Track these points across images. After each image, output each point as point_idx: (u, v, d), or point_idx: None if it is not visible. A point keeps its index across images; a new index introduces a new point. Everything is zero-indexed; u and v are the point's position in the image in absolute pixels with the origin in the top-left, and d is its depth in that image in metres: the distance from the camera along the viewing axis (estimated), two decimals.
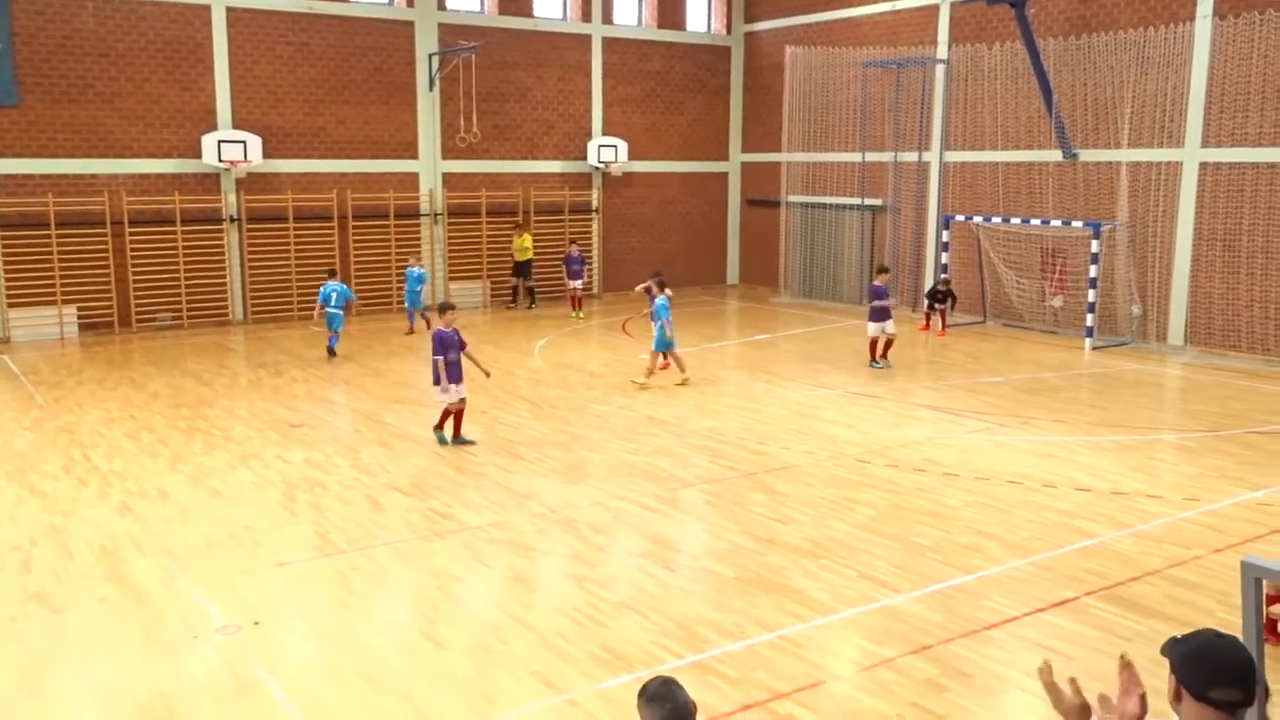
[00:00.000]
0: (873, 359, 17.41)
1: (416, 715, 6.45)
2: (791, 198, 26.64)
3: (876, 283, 17.50)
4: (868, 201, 24.91)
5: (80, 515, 10.17)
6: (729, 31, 28.35)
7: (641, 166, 27.06)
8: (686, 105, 27.82)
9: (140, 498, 10.72)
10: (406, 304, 21.32)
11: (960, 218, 22.20)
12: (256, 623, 7.73)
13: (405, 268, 21.47)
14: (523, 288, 24.63)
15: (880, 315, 17.25)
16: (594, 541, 9.56)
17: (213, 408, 14.64)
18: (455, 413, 12.65)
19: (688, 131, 27.96)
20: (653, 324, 16.30)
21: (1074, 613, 7.91)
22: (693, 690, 3.98)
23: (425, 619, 7.85)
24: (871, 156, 24.58)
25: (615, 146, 26.24)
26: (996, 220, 21.60)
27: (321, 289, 18.85)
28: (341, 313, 18.61)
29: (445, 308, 12.89)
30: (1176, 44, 18.88)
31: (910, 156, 23.92)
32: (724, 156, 28.77)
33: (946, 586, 8.35)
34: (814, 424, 13.78)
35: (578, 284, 23.48)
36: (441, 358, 12.39)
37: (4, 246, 19.62)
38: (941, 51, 22.96)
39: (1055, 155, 20.84)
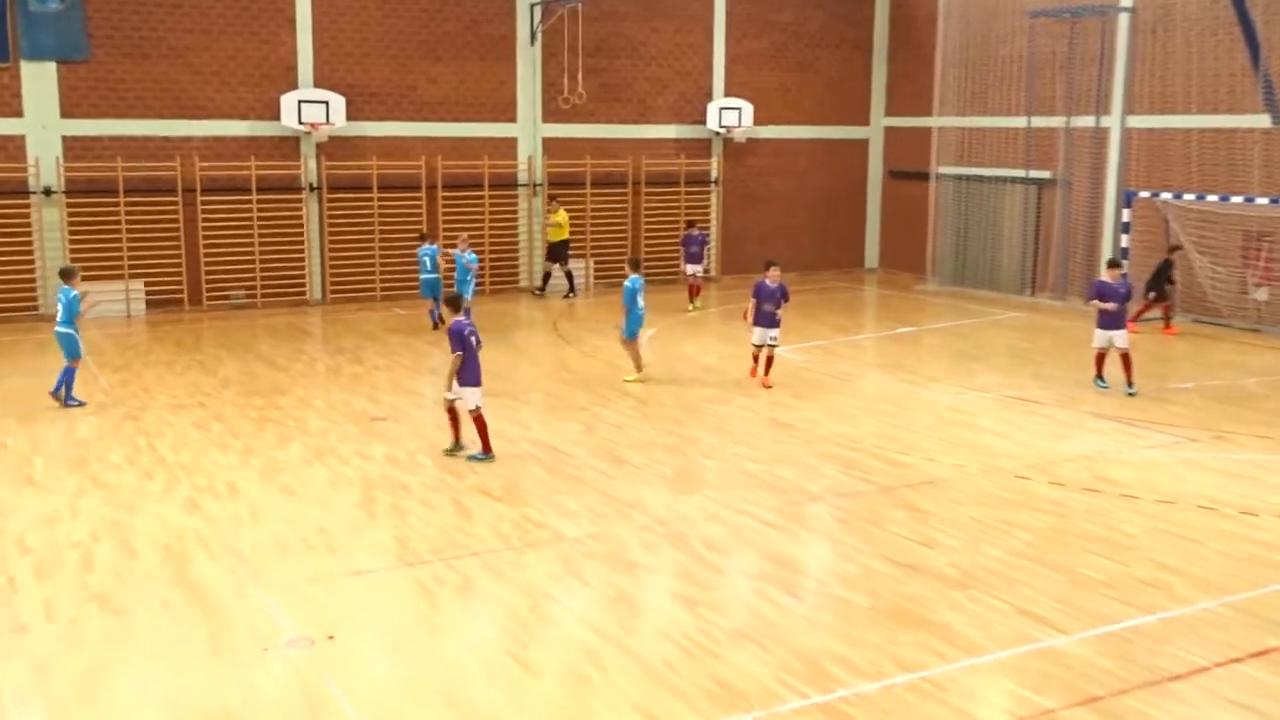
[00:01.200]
0: (1097, 374, 15.80)
1: None
2: (943, 169, 26.14)
3: (1105, 278, 15.95)
4: (1033, 174, 24.28)
5: (145, 511, 10.56)
6: None
7: (768, 132, 26.89)
8: (822, 62, 27.52)
9: (209, 494, 11.09)
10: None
11: (1145, 194, 21.46)
12: (331, 636, 7.92)
13: (454, 250, 20.38)
14: (561, 272, 24.15)
15: (1109, 322, 15.43)
16: (707, 560, 9.54)
17: (287, 396, 15.05)
18: (457, 415, 12.50)
19: (823, 92, 27.66)
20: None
21: (1277, 665, 7.58)
22: None
23: (514, 640, 7.93)
24: (1038, 121, 23.93)
25: (739, 109, 26.11)
26: (1189, 197, 20.82)
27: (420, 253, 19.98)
28: (438, 277, 19.74)
29: (458, 300, 12.67)
30: None
31: (1085, 121, 23.21)
32: (864, 121, 28.38)
33: (1121, 628, 8.08)
34: (965, 433, 13.50)
35: (697, 269, 22.81)
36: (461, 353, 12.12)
37: (70, 214, 20.51)
38: None
39: (1262, 120, 19.97)
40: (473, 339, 12.15)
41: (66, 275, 14.97)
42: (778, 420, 14.05)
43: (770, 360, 15.70)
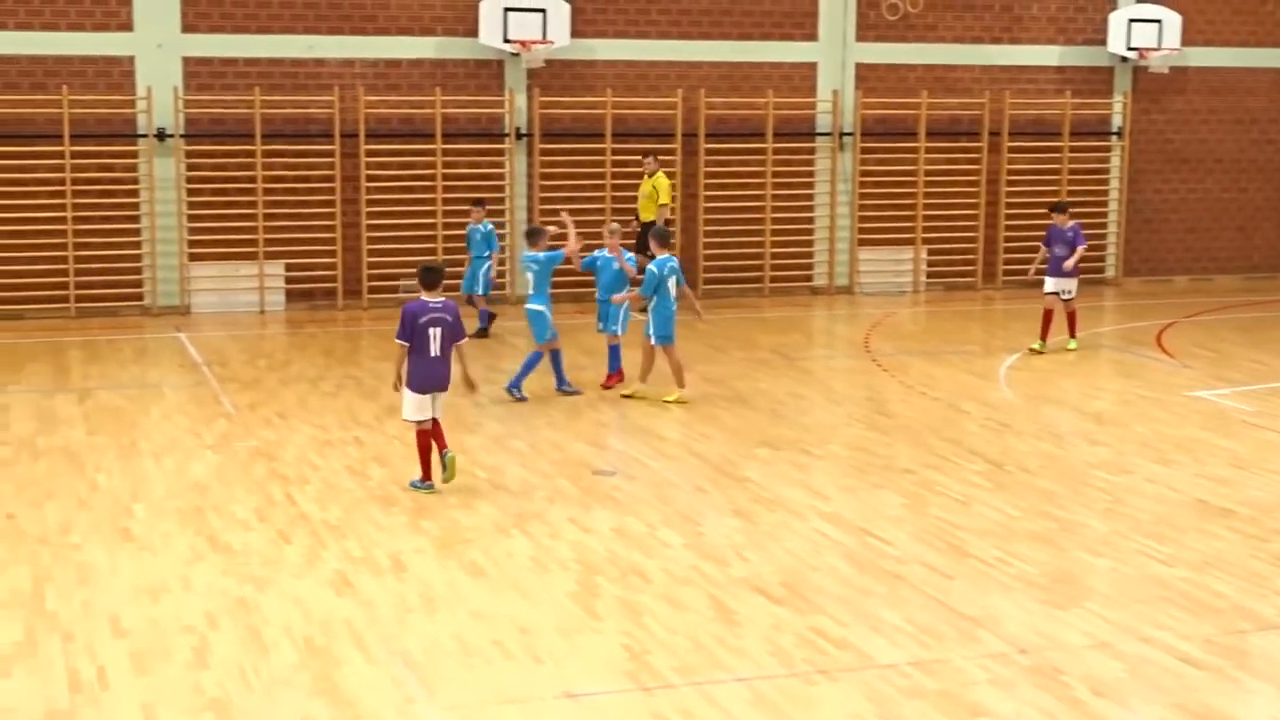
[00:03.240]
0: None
1: None
2: None
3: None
4: None
5: (279, 587, 11.07)
6: None
7: (1200, 58, 26.07)
8: None
9: (365, 567, 11.54)
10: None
11: None
12: None
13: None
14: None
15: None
16: (1093, 710, 9.32)
17: (475, 435, 15.54)
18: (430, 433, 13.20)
19: None
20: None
21: None
22: None
23: None
24: None
25: (1159, 21, 25.45)
26: None
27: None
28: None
29: (431, 274, 13.04)
30: None
31: None
32: None
33: None
34: None
35: (1065, 285, 20.41)
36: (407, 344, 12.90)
37: (188, 166, 21.85)
38: None
39: None
40: (431, 329, 12.40)
41: (533, 236, 16.41)
42: (1210, 502, 13.59)
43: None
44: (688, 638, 10.30)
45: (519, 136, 22.99)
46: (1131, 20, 25.31)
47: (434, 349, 12.94)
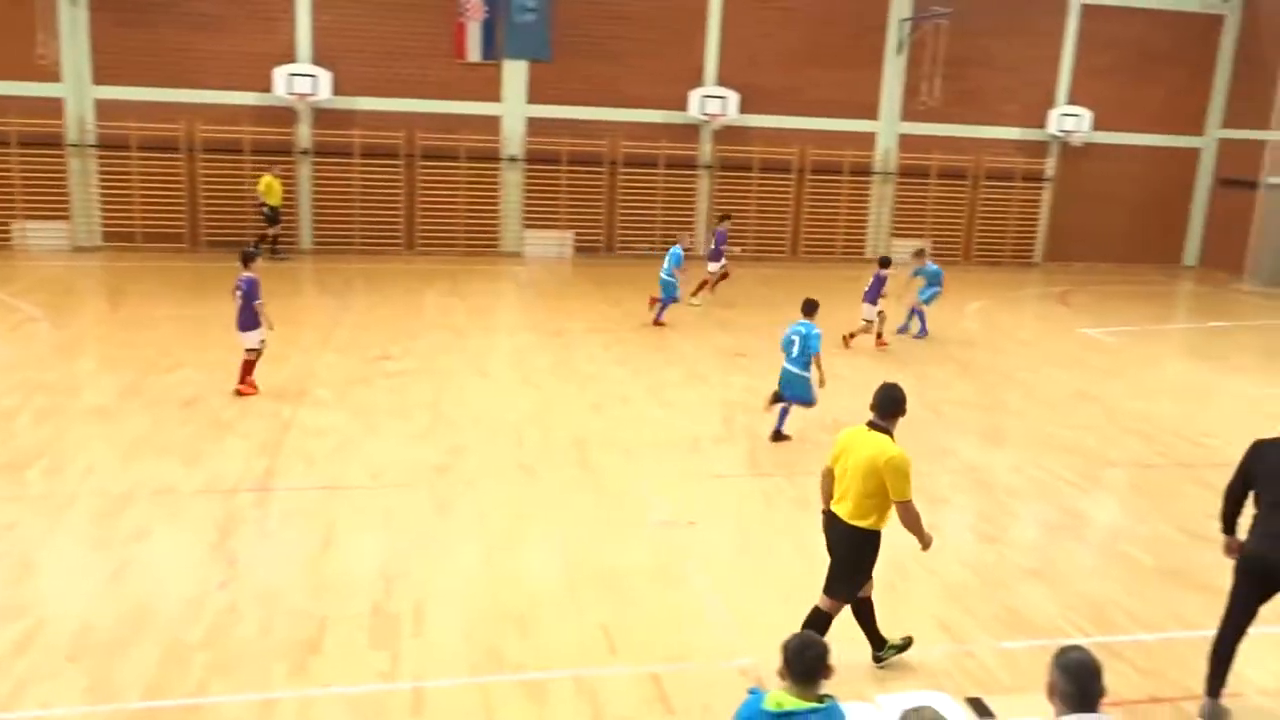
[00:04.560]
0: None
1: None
2: (1274, 179, 22.98)
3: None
4: None
5: (561, 407, 11.31)
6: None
7: (1104, 138, 24.59)
8: (1163, 76, 24.73)
9: (609, 399, 11.71)
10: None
11: None
12: (692, 522, 8.21)
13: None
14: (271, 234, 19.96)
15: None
16: (1007, 506, 9.07)
17: (673, 330, 15.56)
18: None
19: (1161, 104, 24.88)
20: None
21: None
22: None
23: None
24: None
25: (1079, 116, 24.06)
26: None
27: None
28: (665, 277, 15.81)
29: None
30: None
31: None
32: (1197, 132, 25.36)
33: None
34: (1270, 424, 11.94)
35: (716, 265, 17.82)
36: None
37: (526, 178, 22.02)
38: None
39: None
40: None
41: (808, 309, 10.57)
42: (1084, 393, 13.04)
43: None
44: (782, 448, 10.24)
45: (705, 168, 22.71)
46: (1063, 114, 24.00)
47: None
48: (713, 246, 18.25)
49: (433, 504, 8.36)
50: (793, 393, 10.33)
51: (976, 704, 5.41)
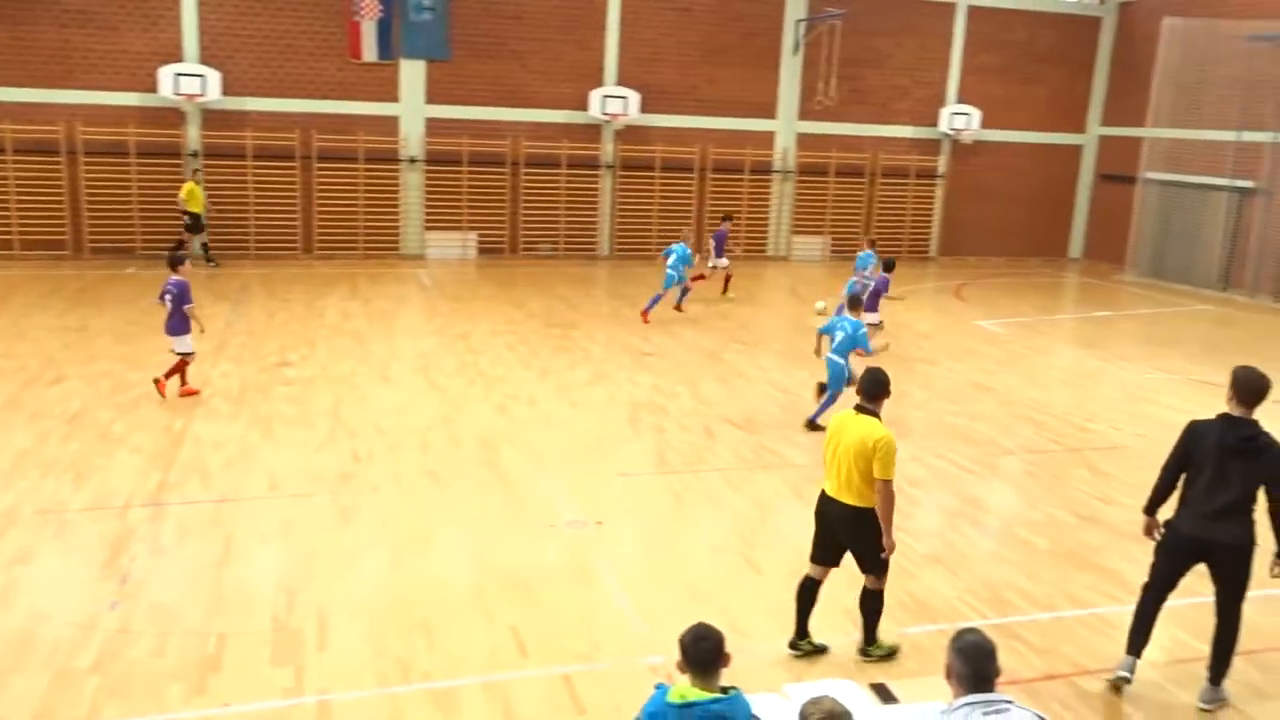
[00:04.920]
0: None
1: (731, 628, 6.49)
2: (1150, 174, 24.08)
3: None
4: (1238, 183, 22.04)
5: (467, 410, 11.19)
6: (1102, 2, 25.86)
7: (993, 136, 25.44)
8: (1046, 76, 25.75)
9: (515, 401, 11.62)
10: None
11: None
12: (600, 522, 8.21)
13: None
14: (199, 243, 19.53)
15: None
16: (909, 494, 9.27)
17: (577, 330, 15.55)
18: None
19: (1045, 103, 25.90)
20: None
21: None
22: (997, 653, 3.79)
23: (745, 543, 7.99)
24: (1249, 136, 21.65)
25: (968, 114, 24.85)
26: None
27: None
28: (673, 273, 16.45)
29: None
30: None
31: None
32: (1080, 129, 26.45)
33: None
34: (1150, 408, 12.56)
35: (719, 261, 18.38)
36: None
37: (427, 179, 21.72)
38: None
39: None
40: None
41: (855, 304, 11.55)
42: (980, 384, 13.46)
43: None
44: (689, 446, 10.32)
45: (608, 168, 22.75)
46: (953, 113, 24.76)
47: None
48: (715, 246, 18.58)
49: (335, 513, 8.18)
50: (836, 385, 10.76)
51: (881, 689, 5.52)
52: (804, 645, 6.34)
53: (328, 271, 19.64)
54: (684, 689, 3.69)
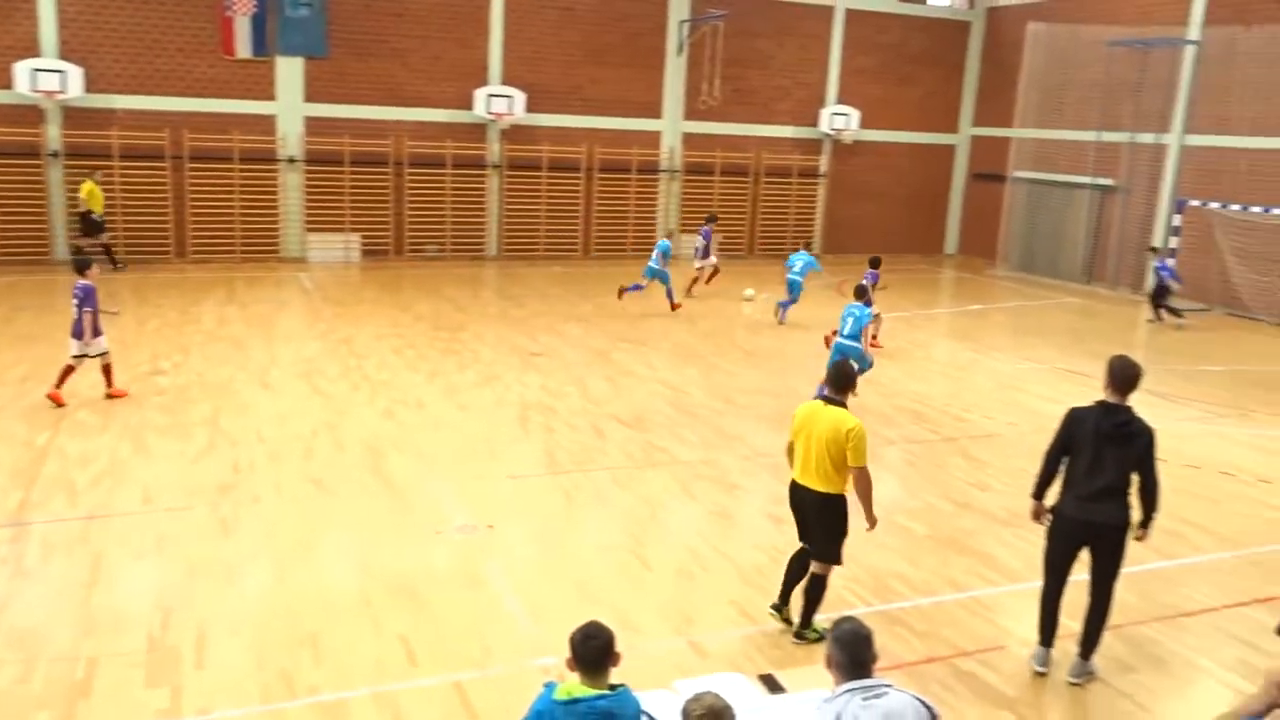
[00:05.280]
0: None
1: (623, 625, 6.57)
2: (1019, 173, 25.15)
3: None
4: (1098, 180, 23.20)
5: (353, 416, 10.95)
6: (971, 6, 26.89)
7: (871, 136, 26.20)
8: (920, 78, 26.65)
9: (402, 405, 11.43)
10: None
11: (1195, 202, 20.36)
12: (490, 525, 8.14)
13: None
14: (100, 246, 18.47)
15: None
16: None
17: (465, 332, 15.38)
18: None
19: (919, 104, 26.80)
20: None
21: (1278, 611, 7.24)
22: (880, 639, 3.90)
23: (635, 540, 8.04)
24: (1108, 136, 22.81)
25: (847, 115, 25.52)
26: (1236, 207, 19.67)
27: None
28: (656, 266, 17.23)
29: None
30: None
31: (1148, 138, 22.05)
32: (953, 129, 27.45)
33: (1144, 570, 7.78)
34: (1020, 396, 13.12)
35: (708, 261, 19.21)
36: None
37: (307, 179, 21.16)
38: (1193, 32, 20.95)
39: None
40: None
41: (859, 294, 12.39)
42: (864, 377, 13.79)
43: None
44: (579, 445, 10.33)
45: (494, 167, 22.54)
46: (833, 114, 25.38)
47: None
48: (702, 245, 19.14)
49: (214, 526, 7.91)
50: (859, 365, 11.13)
51: (769, 680, 5.63)
52: (785, 611, 6.66)
53: (203, 276, 18.96)
54: (571, 686, 3.70)
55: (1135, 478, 6.01)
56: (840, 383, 6.43)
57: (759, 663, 6.20)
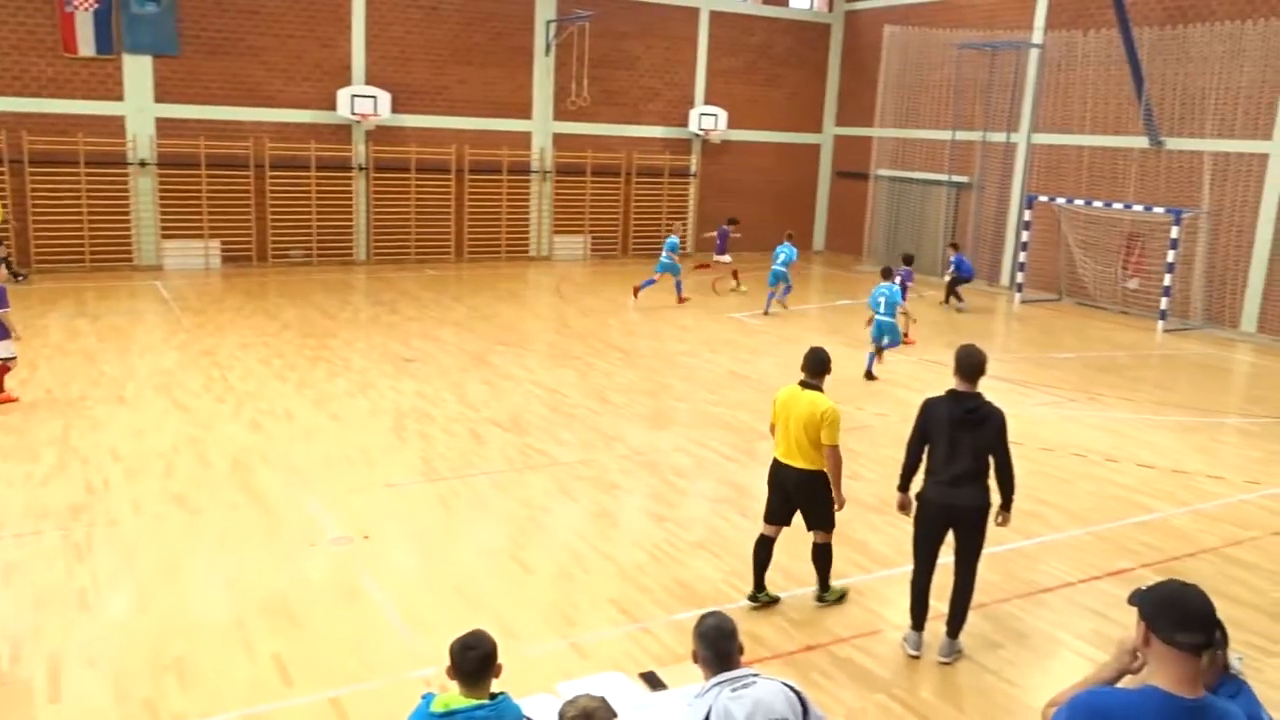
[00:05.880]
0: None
1: (503, 631, 6.55)
2: (880, 171, 26.04)
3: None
4: (954, 178, 24.21)
5: (217, 429, 10.54)
6: (830, 9, 27.67)
7: (739, 135, 26.69)
8: (785, 79, 27.29)
9: (269, 417, 11.06)
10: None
11: (1043, 198, 21.46)
12: (366, 536, 7.95)
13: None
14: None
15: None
16: (675, 484, 9.58)
17: (335, 339, 15.00)
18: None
19: (785, 104, 27.44)
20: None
21: (1128, 583, 7.67)
22: (760, 630, 3.98)
23: (515, 544, 7.98)
24: (961, 135, 23.83)
25: (715, 115, 25.92)
26: (1079, 202, 20.83)
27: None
28: (668, 260, 18.86)
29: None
30: (1274, 38, 17.85)
31: (998, 137, 23.13)
32: (818, 129, 28.21)
33: (1005, 550, 8.17)
34: (888, 388, 13.56)
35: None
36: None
37: (160, 184, 20.26)
38: (1037, 36, 22.07)
39: (1141, 141, 19.95)
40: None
41: (886, 274, 15.03)
42: (738, 373, 14.06)
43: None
44: (456, 451, 10.20)
45: (360, 169, 22.01)
46: (701, 114, 25.75)
47: None
48: (719, 243, 21.20)
49: (67, 551, 7.48)
50: (892, 338, 13.90)
51: (650, 677, 5.67)
52: (761, 597, 6.96)
53: (50, 287, 17.93)
54: (448, 698, 3.64)
55: (992, 461, 6.29)
56: (815, 368, 6.89)
57: (641, 660, 6.23)
